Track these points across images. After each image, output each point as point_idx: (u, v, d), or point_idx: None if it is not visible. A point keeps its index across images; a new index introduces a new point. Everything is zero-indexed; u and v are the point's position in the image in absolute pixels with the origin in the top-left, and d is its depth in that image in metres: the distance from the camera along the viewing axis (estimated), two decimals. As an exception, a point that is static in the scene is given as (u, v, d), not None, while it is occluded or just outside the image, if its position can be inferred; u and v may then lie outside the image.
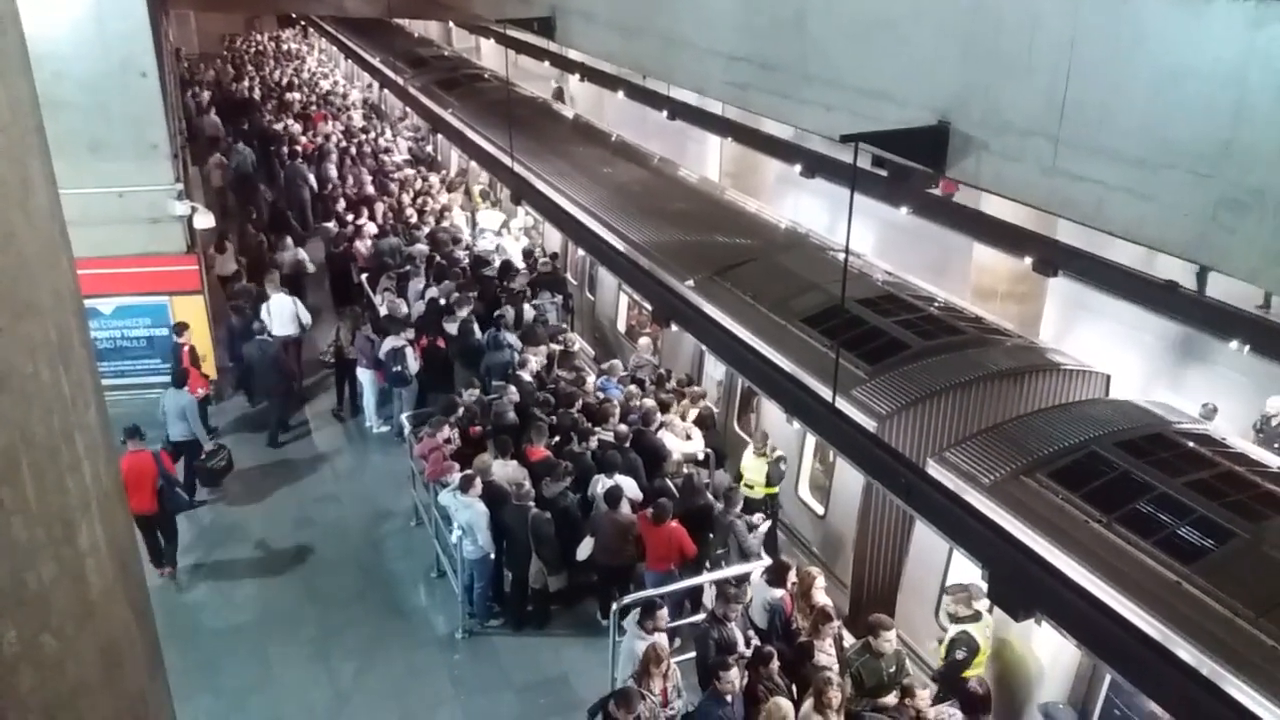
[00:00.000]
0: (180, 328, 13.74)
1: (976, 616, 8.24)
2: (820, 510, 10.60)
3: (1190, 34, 5.45)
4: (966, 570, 8.21)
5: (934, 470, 8.36)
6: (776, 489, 10.75)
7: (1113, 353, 13.90)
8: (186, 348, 13.47)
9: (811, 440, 10.59)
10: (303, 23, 42.78)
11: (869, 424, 9.16)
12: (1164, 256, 7.38)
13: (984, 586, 7.73)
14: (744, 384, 11.69)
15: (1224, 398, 12.01)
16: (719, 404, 12.46)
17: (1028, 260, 11.77)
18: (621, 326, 15.07)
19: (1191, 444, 8.33)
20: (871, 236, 17.69)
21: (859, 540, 9.87)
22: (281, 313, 14.78)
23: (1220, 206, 5.33)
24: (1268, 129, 5.06)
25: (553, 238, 17.50)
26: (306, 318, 15.04)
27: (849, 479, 9.81)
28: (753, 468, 10.73)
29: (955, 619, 8.30)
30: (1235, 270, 5.44)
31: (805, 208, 19.80)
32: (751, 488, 10.67)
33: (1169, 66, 5.55)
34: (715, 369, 12.63)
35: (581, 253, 15.48)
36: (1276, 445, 11.16)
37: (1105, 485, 7.79)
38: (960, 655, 8.11)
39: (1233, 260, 5.41)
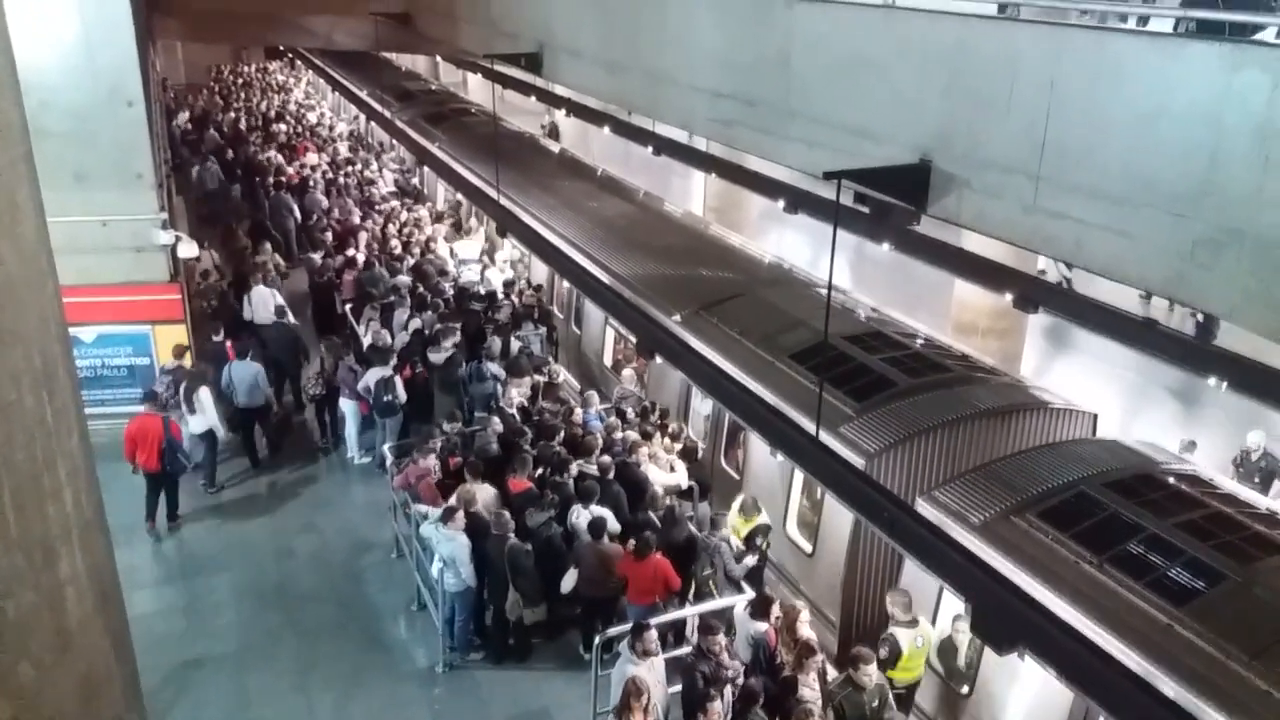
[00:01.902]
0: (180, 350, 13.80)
1: (913, 622, 8.59)
2: (808, 548, 10.50)
3: (1168, 76, 5.57)
4: (957, 609, 8.26)
5: (923, 509, 8.34)
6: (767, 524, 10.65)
7: (1092, 388, 14.02)
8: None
9: (800, 477, 10.50)
10: (290, 55, 42.94)
11: (857, 461, 9.13)
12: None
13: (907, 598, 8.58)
14: (731, 420, 11.62)
15: (1202, 433, 12.11)
16: (705, 439, 12.39)
17: (1008, 296, 11.87)
18: (608, 360, 14.99)
19: (1180, 484, 8.35)
20: (854, 272, 17.82)
21: (847, 579, 9.81)
22: (263, 303, 15.64)
23: (1198, 245, 5.42)
24: (1243, 170, 5.16)
25: (539, 271, 17.51)
26: (286, 312, 15.57)
27: (837, 517, 9.74)
28: (735, 525, 10.42)
29: (892, 620, 8.63)
30: (1213, 308, 5.54)
31: (788, 243, 19.92)
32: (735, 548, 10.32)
33: (1147, 107, 5.66)
34: (703, 404, 12.55)
35: (568, 286, 15.48)
36: (1256, 480, 11.25)
37: (1095, 526, 7.79)
38: (883, 654, 8.42)
39: (1210, 298, 5.50)
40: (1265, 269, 5.12)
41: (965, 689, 8.48)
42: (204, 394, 12.79)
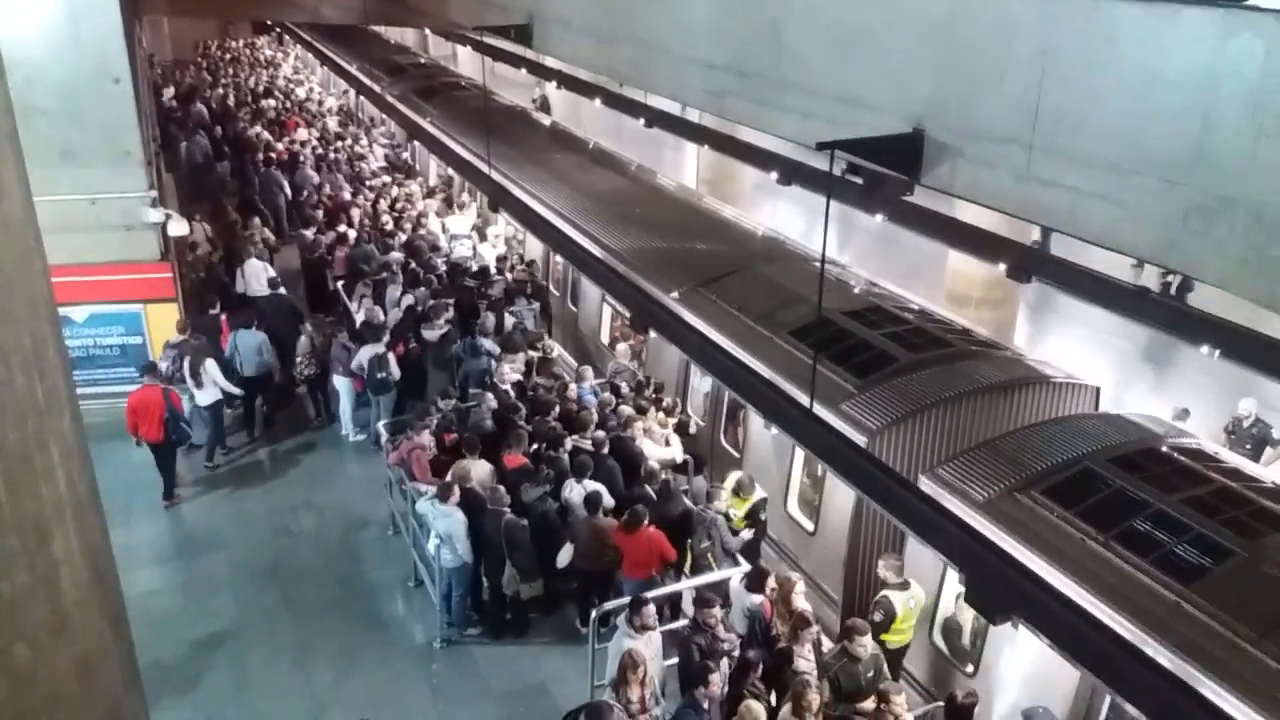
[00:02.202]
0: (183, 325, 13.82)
1: (905, 585, 8.72)
2: (810, 526, 10.44)
3: (1162, 42, 5.53)
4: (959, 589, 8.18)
5: (927, 486, 8.28)
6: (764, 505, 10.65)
7: (1085, 357, 14.04)
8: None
9: (800, 455, 10.41)
10: (278, 30, 42.56)
11: (859, 439, 9.04)
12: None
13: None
14: (730, 397, 11.53)
15: (1195, 401, 12.15)
16: (705, 417, 12.31)
17: (1001, 266, 11.86)
18: (605, 338, 14.89)
19: (1185, 459, 8.26)
20: (847, 243, 17.79)
21: (850, 557, 9.73)
22: (256, 275, 15.98)
23: (1191, 213, 5.41)
24: (1237, 137, 5.13)
25: (534, 246, 17.41)
26: (280, 284, 15.70)
27: (839, 495, 9.69)
28: (735, 506, 10.43)
29: (885, 584, 8.74)
30: (1206, 276, 5.52)
31: (781, 214, 19.87)
32: (732, 521, 10.37)
33: (1141, 74, 5.63)
34: (701, 382, 12.45)
35: (563, 263, 15.41)
36: (1248, 446, 11.31)
37: (1100, 502, 7.71)
38: (877, 618, 8.59)
39: (1203, 266, 5.48)
40: (1258, 236, 5.11)
41: (970, 668, 8.49)
42: (210, 365, 12.97)
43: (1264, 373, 10.40)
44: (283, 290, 15.69)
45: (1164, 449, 8.44)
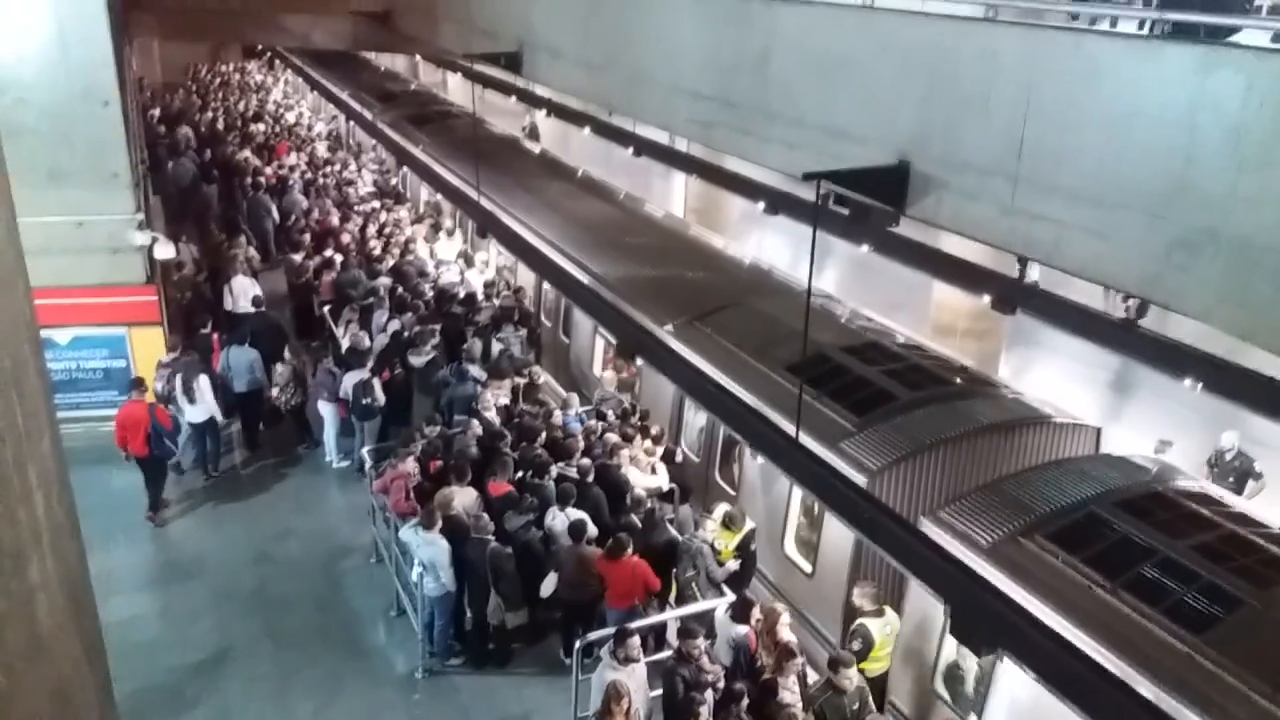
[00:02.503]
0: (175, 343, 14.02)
1: (880, 612, 8.72)
2: (808, 568, 10.16)
3: (1143, 78, 5.60)
4: None
5: (929, 529, 8.10)
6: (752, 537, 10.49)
7: (1069, 389, 14.08)
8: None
9: (798, 494, 10.14)
10: (268, 54, 42.66)
11: (859, 479, 8.86)
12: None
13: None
14: (725, 433, 11.32)
15: (1177, 434, 12.17)
16: (699, 452, 12.10)
17: (986, 298, 11.93)
18: (597, 370, 14.49)
19: (1191, 503, 8.08)
20: (834, 273, 17.84)
21: (850, 600, 9.36)
22: (243, 292, 16.16)
23: (1174, 247, 5.46)
24: (1218, 172, 5.19)
25: (525, 275, 17.18)
26: (263, 302, 15.92)
27: (837, 535, 9.41)
28: (725, 540, 10.25)
29: (860, 612, 8.73)
30: (1188, 309, 5.56)
31: (768, 244, 19.94)
32: (718, 552, 10.20)
33: (1123, 109, 5.70)
34: (696, 416, 12.22)
35: (555, 293, 15.21)
36: (1231, 479, 11.33)
37: (1107, 548, 7.51)
38: (856, 646, 8.58)
39: (1186, 299, 5.53)
40: (1240, 270, 5.16)
41: (973, 718, 8.20)
42: (203, 381, 13.10)
43: (1245, 406, 10.45)
44: (265, 308, 15.80)
45: (1169, 493, 8.25)
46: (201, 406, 13.11)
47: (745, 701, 7.91)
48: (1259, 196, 5.00)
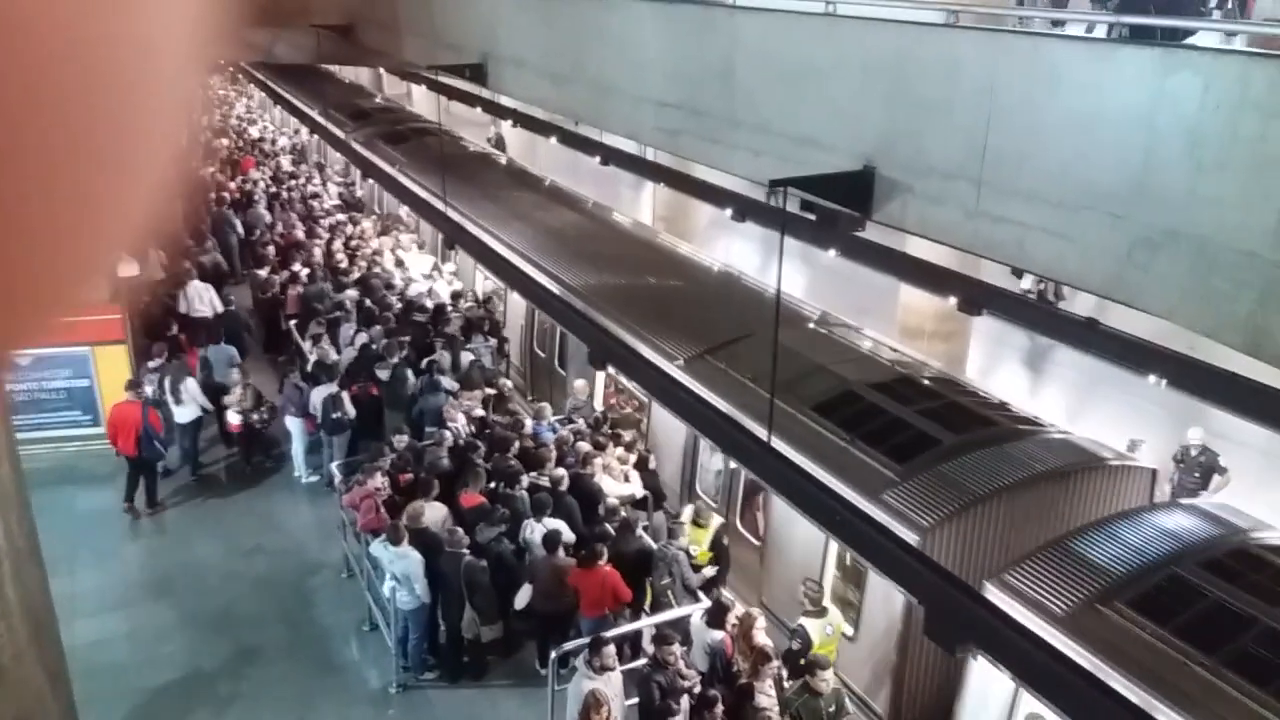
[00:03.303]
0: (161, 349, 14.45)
1: (822, 612, 8.75)
2: (849, 630, 9.18)
3: (1102, 80, 5.67)
4: (1039, 711, 6.99)
5: (994, 595, 7.29)
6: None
7: (1035, 388, 14.25)
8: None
9: (835, 547, 9.25)
10: (231, 69, 42.29)
11: (910, 536, 7.92)
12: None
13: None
14: (747, 479, 10.52)
15: (1143, 430, 12.33)
16: (718, 498, 11.17)
17: (952, 300, 12.01)
18: (598, 405, 13.67)
19: None
20: (802, 278, 17.93)
21: (899, 666, 8.58)
22: (198, 295, 16.78)
23: (1135, 246, 5.52)
24: (1177, 172, 5.26)
25: (516, 304, 16.09)
26: (218, 304, 16.80)
27: (884, 596, 8.47)
28: (692, 537, 10.26)
29: (803, 611, 8.76)
30: (1151, 307, 5.63)
31: (736, 250, 20.03)
32: (695, 556, 10.17)
33: (1083, 111, 5.77)
34: (712, 460, 11.29)
35: (551, 322, 14.35)
36: (1196, 474, 11.49)
37: (1198, 617, 6.77)
38: (795, 646, 8.66)
39: (1148, 297, 5.60)
40: (1200, 268, 5.23)
41: None
42: (190, 384, 13.63)
43: (1209, 401, 10.59)
44: (209, 313, 16.67)
45: (1254, 549, 7.53)
46: (190, 406, 13.56)
47: (720, 707, 7.91)
48: (1217, 196, 5.08)
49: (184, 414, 13.58)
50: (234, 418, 13.79)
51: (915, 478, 8.67)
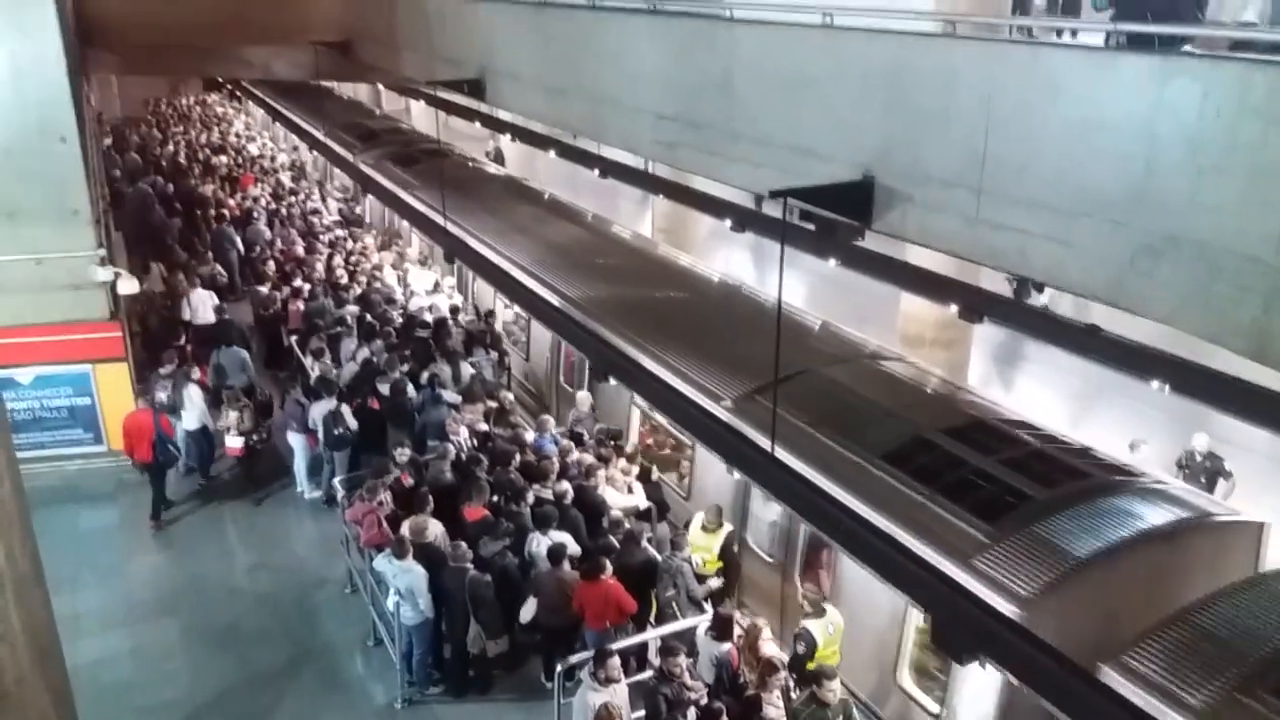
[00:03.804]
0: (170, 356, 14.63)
1: (821, 613, 8.69)
2: (934, 707, 8.21)
3: (1101, 88, 5.68)
4: None
5: (1114, 681, 6.45)
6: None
7: (1038, 394, 14.23)
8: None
9: (916, 615, 8.24)
10: (229, 86, 42.45)
11: (1007, 608, 7.02)
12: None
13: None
14: (808, 533, 9.56)
15: (1145, 435, 12.31)
16: (772, 549, 10.17)
17: (953, 308, 12.01)
18: (632, 439, 12.70)
19: None
20: (803, 287, 17.95)
21: None
22: (202, 303, 17.21)
23: (1137, 253, 5.52)
24: (1178, 178, 5.26)
25: (540, 336, 15.42)
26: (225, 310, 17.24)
27: (979, 672, 7.19)
28: (701, 544, 10.16)
29: (803, 614, 8.72)
30: (1153, 313, 5.62)
31: (735, 260, 20.07)
32: (703, 564, 10.15)
33: (1082, 118, 5.77)
34: (765, 510, 10.26)
35: (579, 357, 13.50)
36: (1202, 479, 11.47)
37: None
38: (800, 650, 8.58)
39: (1150, 304, 5.59)
40: (1201, 274, 5.22)
41: None
42: (192, 391, 13.66)
43: (1212, 406, 10.57)
44: (213, 319, 17.01)
45: None
46: (193, 414, 13.67)
47: (725, 719, 7.87)
48: (1217, 202, 5.08)
49: (189, 421, 13.76)
50: (234, 441, 13.66)
51: (1008, 539, 7.68)
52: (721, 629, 8.78)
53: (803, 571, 9.80)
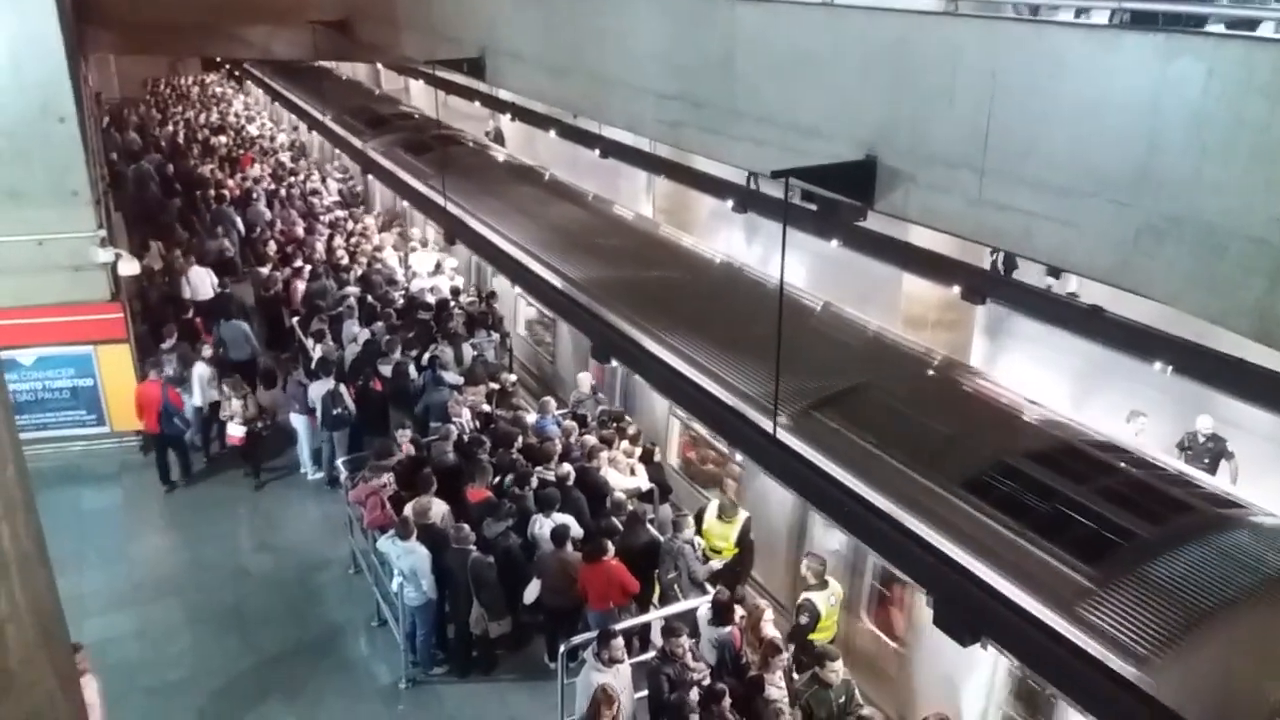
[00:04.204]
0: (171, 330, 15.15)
1: (824, 585, 8.77)
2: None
3: (1105, 66, 5.64)
4: None
5: None
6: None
7: (1040, 375, 14.20)
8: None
9: (1005, 665, 7.47)
10: (228, 67, 42.27)
11: (1126, 669, 6.09)
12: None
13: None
14: (879, 567, 8.90)
15: (1147, 416, 12.33)
16: (843, 580, 9.17)
17: (956, 289, 12.00)
18: (673, 458, 12.26)
19: None
20: (804, 268, 17.92)
21: None
22: (200, 282, 17.36)
23: (1141, 233, 5.50)
24: (1181, 158, 5.24)
25: (565, 344, 14.89)
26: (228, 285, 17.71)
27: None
28: (718, 532, 10.00)
29: (805, 586, 8.78)
30: (1157, 294, 5.61)
31: (736, 241, 20.02)
32: (719, 552, 10.01)
33: (1086, 98, 5.73)
34: (829, 537, 9.45)
35: (617, 365, 12.71)
36: (1205, 460, 11.48)
37: None
38: (804, 620, 8.66)
39: (1154, 284, 5.58)
40: (1206, 254, 5.21)
41: None
42: (200, 368, 13.81)
43: (1215, 387, 10.57)
44: (210, 296, 17.21)
45: None
46: (198, 391, 13.77)
47: (728, 700, 7.90)
48: (1222, 182, 5.06)
49: (196, 398, 13.87)
50: (236, 430, 13.52)
51: (1115, 584, 6.66)
52: (721, 614, 8.79)
53: (872, 609, 9.10)
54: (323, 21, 21.00)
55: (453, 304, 16.15)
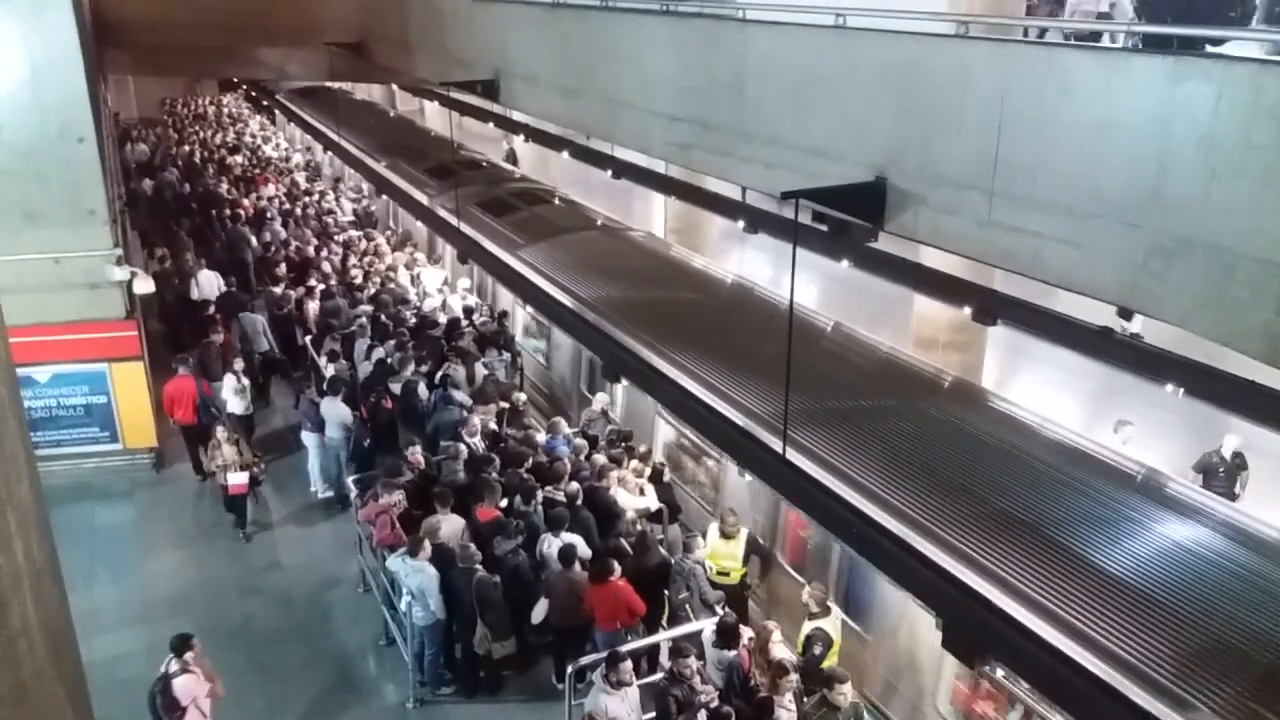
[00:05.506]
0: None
1: (826, 611, 8.77)
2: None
3: (1114, 88, 5.65)
4: None
5: None
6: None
7: (1051, 397, 14.14)
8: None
9: None
10: (243, 87, 42.67)
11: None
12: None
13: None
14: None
15: (1159, 439, 12.26)
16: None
17: (967, 310, 11.97)
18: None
19: None
20: (816, 288, 17.91)
21: None
22: (209, 283, 18.08)
23: (1151, 254, 5.50)
24: (1191, 180, 5.24)
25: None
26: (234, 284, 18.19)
27: None
28: (724, 552, 9.94)
29: (809, 615, 8.76)
30: (1166, 315, 5.60)
31: (749, 261, 20.06)
32: (727, 574, 9.94)
33: (1095, 119, 5.75)
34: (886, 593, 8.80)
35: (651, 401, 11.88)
36: (1222, 474, 11.43)
37: None
38: (817, 650, 8.64)
39: (1164, 306, 5.57)
40: (1215, 276, 5.20)
41: None
42: (228, 380, 14.39)
43: (1227, 409, 10.51)
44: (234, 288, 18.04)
45: None
46: (231, 400, 14.34)
47: (736, 721, 7.87)
48: (1232, 204, 5.05)
49: (233, 406, 14.35)
50: (236, 478, 12.71)
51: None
52: (727, 637, 8.74)
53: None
54: (338, 44, 21.20)
55: (464, 323, 16.21)
